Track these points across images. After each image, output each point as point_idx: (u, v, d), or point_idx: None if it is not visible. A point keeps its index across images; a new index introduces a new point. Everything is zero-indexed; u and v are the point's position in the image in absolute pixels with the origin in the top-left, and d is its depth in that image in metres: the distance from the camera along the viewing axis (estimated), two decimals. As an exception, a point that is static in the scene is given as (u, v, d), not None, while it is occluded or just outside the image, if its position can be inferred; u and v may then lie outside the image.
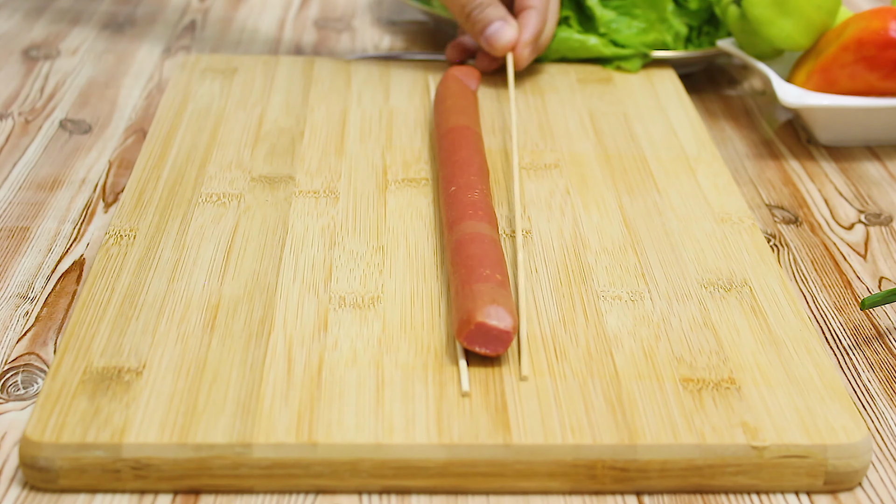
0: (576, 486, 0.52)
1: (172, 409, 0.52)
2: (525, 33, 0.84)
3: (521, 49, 0.84)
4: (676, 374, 0.56)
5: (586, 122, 0.82)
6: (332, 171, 0.74)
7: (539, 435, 0.52)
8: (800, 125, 0.90)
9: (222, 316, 0.59)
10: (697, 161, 0.77)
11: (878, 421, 0.58)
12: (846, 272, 0.71)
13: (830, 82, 0.83)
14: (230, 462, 0.51)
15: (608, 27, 0.92)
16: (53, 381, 0.54)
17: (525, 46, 0.84)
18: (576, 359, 0.57)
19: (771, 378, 0.56)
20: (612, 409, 0.53)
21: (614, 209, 0.71)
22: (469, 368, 0.55)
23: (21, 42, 1.01)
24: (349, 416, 0.52)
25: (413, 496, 0.52)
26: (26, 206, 0.74)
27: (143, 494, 0.51)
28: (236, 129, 0.79)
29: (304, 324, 0.59)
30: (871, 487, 0.54)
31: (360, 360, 0.56)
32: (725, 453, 0.52)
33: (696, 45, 0.95)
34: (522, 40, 0.83)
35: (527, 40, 0.84)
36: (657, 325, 0.60)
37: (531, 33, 0.84)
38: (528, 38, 0.84)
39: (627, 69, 0.91)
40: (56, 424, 0.51)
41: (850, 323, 0.66)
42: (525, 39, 0.84)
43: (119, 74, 0.95)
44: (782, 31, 0.86)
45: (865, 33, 0.82)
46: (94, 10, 1.09)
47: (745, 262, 0.65)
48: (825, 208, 0.78)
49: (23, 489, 0.51)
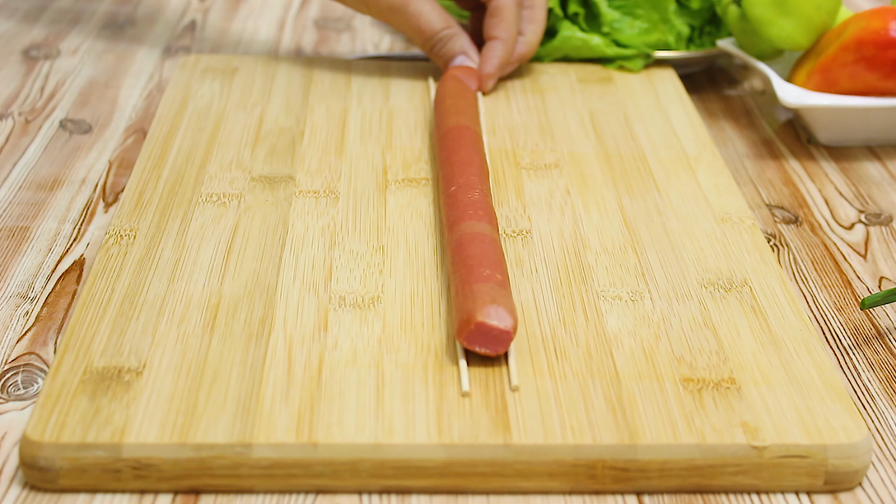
0: (576, 486, 0.52)
1: (172, 409, 0.52)
2: (485, 66, 0.85)
3: (484, 82, 0.85)
4: (676, 374, 0.56)
5: (586, 122, 0.82)
6: (332, 170, 0.74)
7: (539, 435, 0.52)
8: (800, 125, 0.90)
9: (222, 316, 0.59)
10: (697, 161, 0.77)
11: (878, 421, 0.58)
12: (846, 272, 0.71)
13: (830, 82, 0.83)
14: (230, 462, 0.51)
15: (611, 27, 0.92)
16: (53, 381, 0.54)
17: (487, 79, 0.85)
18: (576, 359, 0.57)
19: (771, 378, 0.56)
20: (613, 409, 0.53)
21: (614, 209, 0.71)
22: (469, 368, 0.55)
23: (21, 42, 1.01)
24: (349, 416, 0.52)
25: (413, 496, 0.52)
26: (26, 206, 0.74)
27: (143, 494, 0.51)
28: (236, 129, 0.79)
29: (304, 324, 0.59)
30: (871, 487, 0.54)
31: (360, 360, 0.56)
32: (725, 453, 0.52)
33: (699, 45, 0.95)
34: (483, 73, 0.85)
35: (487, 73, 0.85)
36: (657, 325, 0.60)
37: (492, 66, 0.85)
38: (488, 71, 0.85)
39: (630, 69, 0.91)
40: (56, 424, 0.51)
41: (850, 323, 0.66)
42: (485, 72, 0.85)
43: (119, 74, 0.95)
44: (782, 31, 0.86)
45: (865, 33, 0.82)
46: (94, 10, 1.09)
47: (745, 262, 0.65)
48: (825, 208, 0.78)
49: (23, 489, 0.51)
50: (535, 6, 0.87)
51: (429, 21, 0.85)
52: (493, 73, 0.85)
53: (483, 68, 0.85)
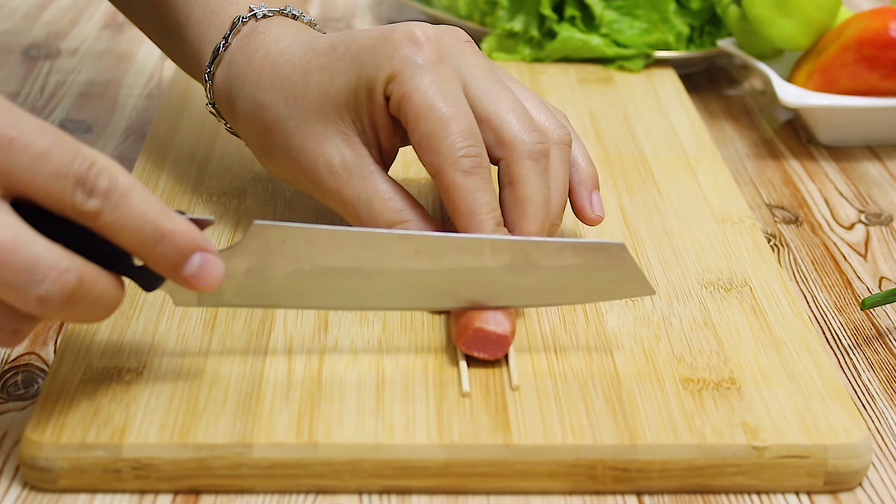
0: (576, 486, 0.52)
1: (172, 409, 0.52)
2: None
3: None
4: (677, 375, 0.56)
5: (586, 122, 0.82)
6: (332, 171, 0.74)
7: (539, 435, 0.52)
8: (800, 125, 0.90)
9: (222, 316, 0.59)
10: (698, 161, 0.77)
11: (878, 421, 0.58)
12: (846, 272, 0.71)
13: (830, 82, 0.83)
14: (230, 462, 0.51)
15: (610, 27, 0.92)
16: (53, 381, 0.54)
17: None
18: (576, 359, 0.57)
19: (771, 378, 0.56)
20: (613, 409, 0.53)
21: (614, 209, 0.71)
22: (469, 369, 0.55)
23: (21, 42, 1.01)
24: (349, 417, 0.52)
25: (413, 496, 0.52)
26: (26, 206, 0.74)
27: (143, 494, 0.51)
28: (236, 128, 0.79)
29: (304, 324, 0.59)
30: (871, 487, 0.53)
31: (360, 361, 0.56)
32: (726, 453, 0.52)
33: (699, 45, 0.95)
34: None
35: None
36: (657, 325, 0.60)
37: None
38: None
39: (630, 69, 0.91)
40: (56, 424, 0.51)
41: (850, 323, 0.66)
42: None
43: (119, 74, 0.95)
44: (782, 31, 0.86)
45: (865, 33, 0.82)
46: (94, 10, 1.09)
47: (745, 262, 0.65)
48: (825, 208, 0.78)
49: (23, 489, 0.51)
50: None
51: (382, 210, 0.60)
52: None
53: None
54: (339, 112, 0.60)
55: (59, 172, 0.47)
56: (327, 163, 0.60)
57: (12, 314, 0.48)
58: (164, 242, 0.49)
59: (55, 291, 0.47)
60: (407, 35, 0.59)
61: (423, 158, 0.58)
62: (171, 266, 0.50)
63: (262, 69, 0.62)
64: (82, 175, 0.47)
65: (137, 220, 0.48)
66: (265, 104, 0.62)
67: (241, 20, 0.64)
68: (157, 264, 0.50)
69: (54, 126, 0.49)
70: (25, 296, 0.46)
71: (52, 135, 0.47)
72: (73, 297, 0.47)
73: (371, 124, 0.60)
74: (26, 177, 0.47)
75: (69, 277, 0.47)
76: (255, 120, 0.62)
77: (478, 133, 0.58)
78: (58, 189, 0.47)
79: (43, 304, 0.47)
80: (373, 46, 0.59)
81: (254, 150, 0.64)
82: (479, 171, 0.57)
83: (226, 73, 0.64)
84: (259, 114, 0.62)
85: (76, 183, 0.47)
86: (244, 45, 0.64)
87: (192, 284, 0.50)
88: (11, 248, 0.46)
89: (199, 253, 0.50)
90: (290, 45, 0.63)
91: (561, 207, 0.61)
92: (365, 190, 0.60)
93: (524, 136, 0.59)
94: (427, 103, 0.57)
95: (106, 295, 0.49)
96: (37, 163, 0.47)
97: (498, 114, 0.59)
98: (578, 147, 0.64)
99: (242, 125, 0.64)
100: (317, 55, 0.61)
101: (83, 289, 0.47)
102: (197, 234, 0.50)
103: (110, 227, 0.48)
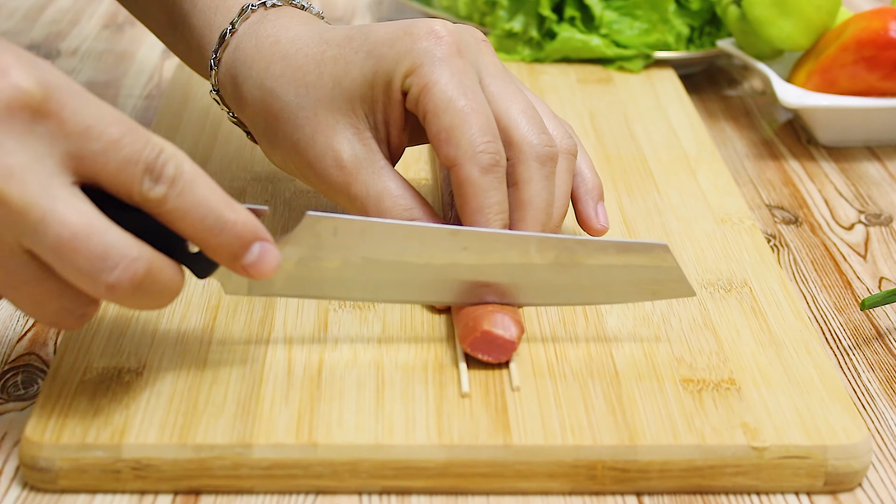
0: (576, 486, 0.52)
1: (172, 410, 0.52)
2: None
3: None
4: (676, 375, 0.56)
5: (586, 123, 0.82)
6: (332, 171, 0.74)
7: (539, 436, 0.52)
8: (800, 125, 0.90)
9: (222, 316, 0.59)
10: (697, 161, 0.77)
11: (878, 421, 0.58)
12: (846, 272, 0.71)
13: (830, 82, 0.83)
14: (230, 462, 0.51)
15: (610, 28, 0.92)
16: (53, 381, 0.54)
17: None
18: (576, 359, 0.57)
19: (771, 378, 0.56)
20: (613, 409, 0.53)
21: (614, 209, 0.71)
22: (469, 370, 0.55)
23: (21, 42, 1.01)
24: (349, 417, 0.52)
25: (413, 497, 0.52)
26: (26, 207, 0.74)
27: (143, 495, 0.51)
28: (237, 128, 0.79)
29: (304, 324, 0.59)
30: (871, 488, 0.53)
31: (360, 361, 0.56)
32: (725, 454, 0.52)
33: (698, 45, 0.95)
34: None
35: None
36: (657, 325, 0.60)
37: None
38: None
39: (630, 69, 0.91)
40: (56, 425, 0.51)
41: (850, 323, 0.66)
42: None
43: (119, 75, 0.95)
44: (782, 32, 0.86)
45: (865, 33, 0.82)
46: (93, 10, 1.09)
47: (745, 263, 0.65)
48: (825, 208, 0.78)
49: (23, 489, 0.51)
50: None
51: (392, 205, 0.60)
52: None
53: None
54: (352, 105, 0.60)
55: (130, 159, 0.47)
56: (336, 156, 0.60)
57: (81, 299, 0.49)
58: (227, 231, 0.49)
59: (125, 279, 0.47)
60: (426, 29, 0.59)
61: (439, 151, 0.58)
62: (232, 255, 0.50)
63: (271, 56, 0.62)
64: (151, 162, 0.48)
65: (201, 207, 0.49)
66: (274, 92, 0.61)
67: (250, 7, 0.64)
68: (217, 252, 0.50)
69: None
70: (96, 282, 0.47)
71: (124, 123, 0.48)
72: (142, 285, 0.48)
73: (384, 119, 0.60)
74: (99, 163, 0.47)
75: (139, 266, 0.47)
76: (262, 107, 0.62)
77: (496, 130, 0.58)
78: (127, 175, 0.48)
79: (112, 291, 0.47)
80: (391, 40, 0.59)
81: (259, 139, 0.64)
82: (495, 170, 0.57)
83: (232, 58, 0.63)
84: (267, 101, 0.61)
85: (145, 170, 0.48)
86: (253, 31, 0.63)
87: (251, 273, 0.51)
88: (86, 235, 0.46)
89: (259, 242, 0.50)
90: (300, 33, 0.62)
91: (561, 216, 0.61)
92: (374, 186, 0.59)
93: (533, 139, 0.59)
94: (447, 96, 0.57)
95: (171, 283, 0.50)
96: (110, 149, 0.47)
97: (509, 113, 0.59)
98: (584, 158, 0.65)
99: (249, 113, 0.63)
100: (331, 46, 0.61)
101: (151, 277, 0.48)
102: (257, 223, 0.50)
103: (174, 214, 0.49)
